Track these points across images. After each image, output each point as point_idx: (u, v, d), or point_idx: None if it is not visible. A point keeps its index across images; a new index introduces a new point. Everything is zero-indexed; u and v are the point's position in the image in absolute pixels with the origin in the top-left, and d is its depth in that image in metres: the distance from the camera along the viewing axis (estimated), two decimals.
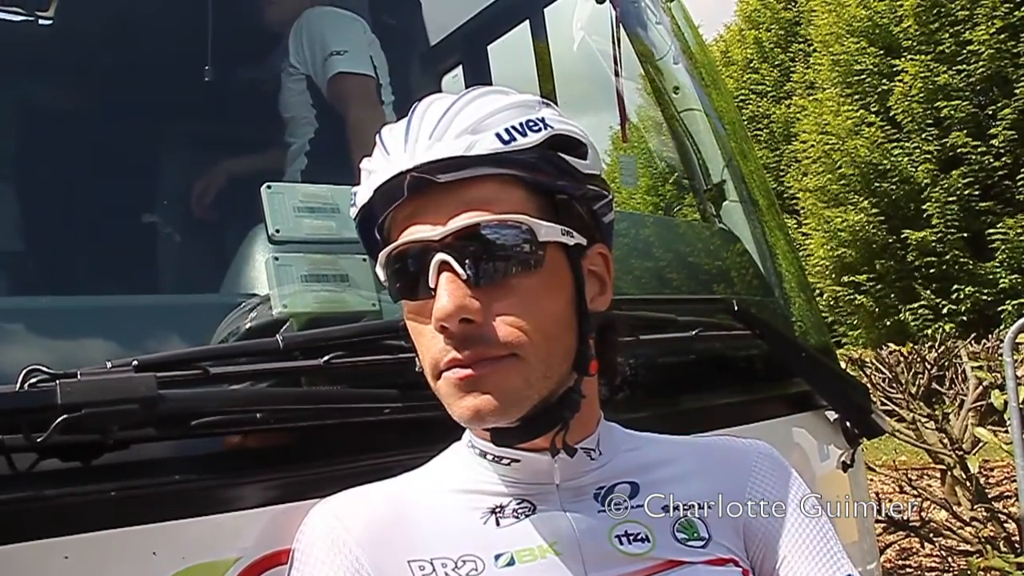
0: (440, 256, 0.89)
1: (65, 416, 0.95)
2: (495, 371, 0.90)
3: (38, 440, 0.96)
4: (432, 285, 0.90)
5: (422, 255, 0.91)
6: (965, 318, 14.09)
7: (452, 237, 0.90)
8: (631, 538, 0.98)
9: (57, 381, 0.97)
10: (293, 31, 2.18)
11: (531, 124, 0.92)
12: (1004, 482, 6.85)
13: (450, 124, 0.91)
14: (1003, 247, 13.92)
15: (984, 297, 14.07)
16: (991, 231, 14.01)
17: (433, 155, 0.90)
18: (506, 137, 0.90)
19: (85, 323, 1.25)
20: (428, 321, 0.91)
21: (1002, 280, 13.96)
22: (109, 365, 1.02)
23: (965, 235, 14.31)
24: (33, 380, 0.97)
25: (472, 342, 0.89)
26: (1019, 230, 13.76)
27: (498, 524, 0.97)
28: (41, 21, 2.57)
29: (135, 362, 1.03)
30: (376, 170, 0.94)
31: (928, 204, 14.45)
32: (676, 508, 1.01)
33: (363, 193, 0.96)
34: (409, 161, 0.90)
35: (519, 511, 0.98)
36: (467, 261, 0.89)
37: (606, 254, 1.02)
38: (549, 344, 0.92)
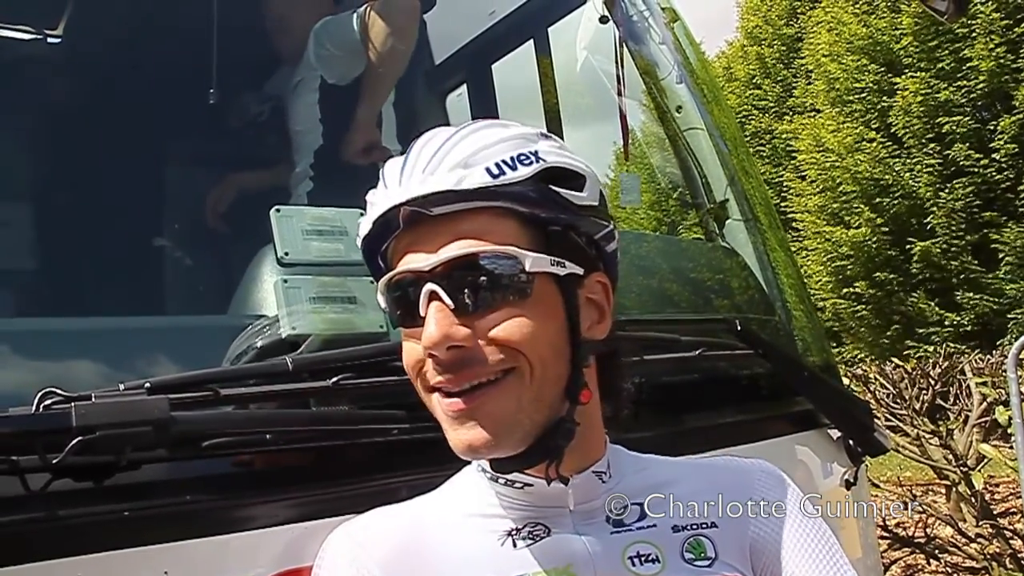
0: (429, 286, 0.92)
1: (80, 438, 0.97)
2: (488, 398, 0.92)
3: (53, 461, 0.98)
4: (422, 314, 0.92)
5: (414, 284, 0.94)
6: (969, 328, 14.10)
7: (442, 267, 0.93)
8: (643, 559, 1.00)
9: (72, 404, 0.98)
10: (314, 32, 2.18)
11: (522, 158, 0.94)
12: (1009, 498, 6.83)
13: (444, 158, 0.94)
14: (1008, 256, 13.94)
15: (991, 305, 14.07)
16: (996, 240, 14.03)
17: (425, 189, 0.93)
18: (495, 171, 0.93)
19: (99, 344, 1.27)
20: (417, 343, 0.95)
21: (1007, 288, 13.97)
22: (122, 387, 1.04)
23: (968, 247, 14.33)
24: (48, 402, 0.99)
25: (460, 365, 0.92)
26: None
27: (515, 546, 1.00)
28: (49, 39, 2.59)
29: (148, 384, 1.05)
30: (376, 202, 0.98)
31: (931, 216, 14.47)
32: (685, 528, 1.03)
33: (364, 225, 1.00)
34: (403, 195, 0.94)
35: (535, 533, 1.00)
36: (456, 291, 0.92)
37: (605, 283, 1.04)
38: (542, 367, 0.94)
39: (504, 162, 0.93)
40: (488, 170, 0.93)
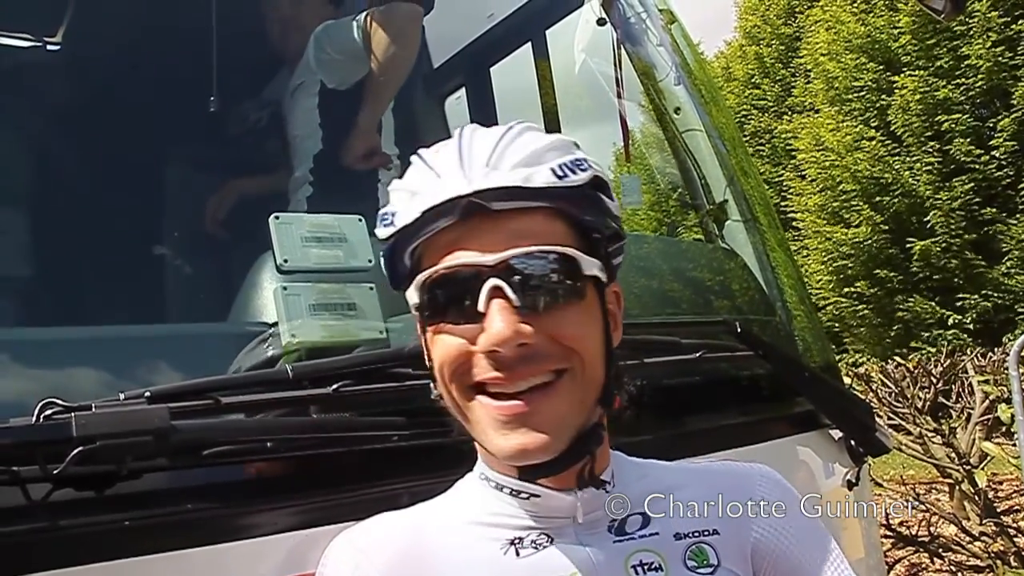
0: (493, 281, 0.91)
1: (81, 448, 0.97)
2: (545, 399, 0.92)
3: (54, 471, 0.98)
4: (482, 309, 0.91)
5: (471, 280, 0.92)
6: (971, 327, 14.11)
7: (505, 264, 0.91)
8: (646, 567, 0.99)
9: (72, 414, 0.98)
10: (315, 37, 2.18)
11: (579, 163, 0.96)
12: (1013, 496, 6.82)
13: (503, 154, 0.93)
14: (1015, 251, 13.95)
15: (995, 300, 14.07)
16: (1001, 233, 14.05)
17: (491, 183, 0.91)
18: (560, 173, 0.94)
19: (99, 354, 1.27)
20: (463, 340, 0.93)
21: (1012, 283, 13.98)
22: (122, 396, 1.04)
23: (969, 244, 14.34)
24: (49, 412, 0.99)
25: (520, 363, 0.91)
26: None
27: (518, 554, 0.99)
28: (48, 47, 2.59)
29: (148, 393, 1.05)
30: (423, 192, 0.94)
31: (931, 214, 14.48)
32: (687, 535, 1.03)
33: (408, 213, 0.95)
34: (467, 186, 0.92)
35: (538, 542, 1.00)
36: (520, 288, 0.91)
37: (620, 293, 1.06)
38: (591, 369, 0.95)
39: (565, 165, 0.94)
40: (553, 171, 0.93)
